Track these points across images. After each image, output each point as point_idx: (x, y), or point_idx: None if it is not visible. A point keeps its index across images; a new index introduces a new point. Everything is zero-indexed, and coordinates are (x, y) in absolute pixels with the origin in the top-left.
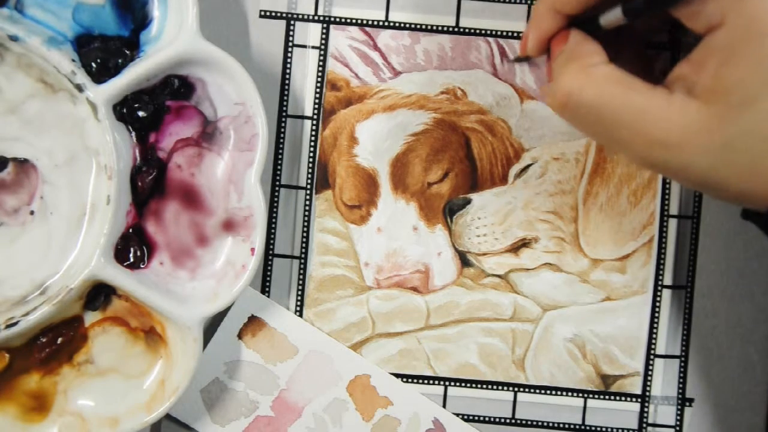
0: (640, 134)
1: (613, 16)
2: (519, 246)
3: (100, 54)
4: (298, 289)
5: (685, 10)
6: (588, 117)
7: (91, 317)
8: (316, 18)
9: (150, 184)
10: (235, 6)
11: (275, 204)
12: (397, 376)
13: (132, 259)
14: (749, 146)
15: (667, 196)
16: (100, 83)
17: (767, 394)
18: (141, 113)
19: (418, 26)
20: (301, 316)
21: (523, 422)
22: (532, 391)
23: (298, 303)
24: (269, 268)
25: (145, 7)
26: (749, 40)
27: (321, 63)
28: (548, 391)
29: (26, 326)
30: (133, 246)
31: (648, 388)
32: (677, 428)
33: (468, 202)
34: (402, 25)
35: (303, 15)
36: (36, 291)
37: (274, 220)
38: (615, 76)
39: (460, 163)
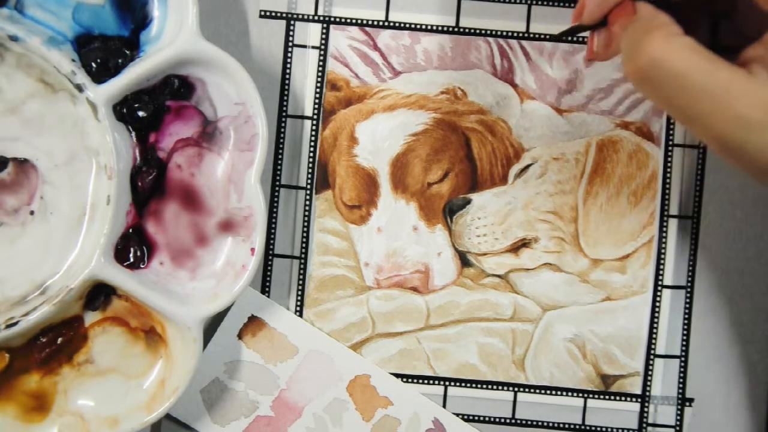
0: (722, 109)
1: None
2: (519, 246)
3: (100, 54)
4: (298, 289)
5: None
6: (669, 87)
7: (91, 317)
8: (316, 18)
9: (150, 184)
10: (235, 6)
11: (275, 204)
12: (397, 376)
13: (132, 259)
14: None
15: (667, 196)
16: (100, 83)
17: (767, 394)
18: (141, 113)
19: (418, 26)
20: (301, 316)
21: (523, 422)
22: (532, 391)
23: (298, 303)
24: (269, 268)
25: (145, 7)
26: None
27: (321, 63)
28: (548, 391)
29: (26, 326)
30: (133, 246)
31: (648, 388)
32: (677, 428)
33: (468, 202)
34: (402, 25)
35: (303, 15)
36: (36, 291)
37: (274, 220)
38: (699, 48)
39: (460, 163)
